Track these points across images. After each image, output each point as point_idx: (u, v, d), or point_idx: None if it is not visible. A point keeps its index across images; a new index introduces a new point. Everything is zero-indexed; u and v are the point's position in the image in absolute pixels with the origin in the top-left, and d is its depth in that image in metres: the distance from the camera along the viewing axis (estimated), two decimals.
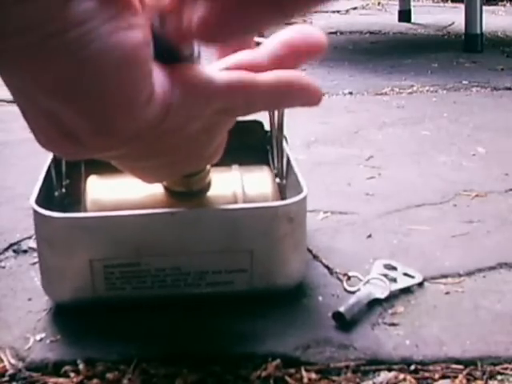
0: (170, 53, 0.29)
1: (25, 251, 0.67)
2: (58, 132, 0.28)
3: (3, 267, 0.64)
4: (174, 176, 0.49)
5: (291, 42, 0.32)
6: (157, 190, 0.54)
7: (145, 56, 0.26)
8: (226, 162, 0.55)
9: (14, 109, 0.29)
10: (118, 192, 0.56)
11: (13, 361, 0.50)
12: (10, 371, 0.49)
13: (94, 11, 0.24)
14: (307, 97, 0.33)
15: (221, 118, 0.32)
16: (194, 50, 0.31)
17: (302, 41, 0.32)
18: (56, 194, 0.60)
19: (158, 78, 0.28)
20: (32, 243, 0.67)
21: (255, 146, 0.65)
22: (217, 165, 0.51)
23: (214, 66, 0.32)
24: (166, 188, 0.54)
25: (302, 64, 0.33)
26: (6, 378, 0.48)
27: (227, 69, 0.32)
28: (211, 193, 0.55)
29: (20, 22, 0.23)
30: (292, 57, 0.32)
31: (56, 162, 0.60)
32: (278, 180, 0.61)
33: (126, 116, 0.27)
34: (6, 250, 0.67)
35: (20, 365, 0.49)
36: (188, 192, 0.54)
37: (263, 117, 0.64)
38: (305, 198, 0.55)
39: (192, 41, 0.29)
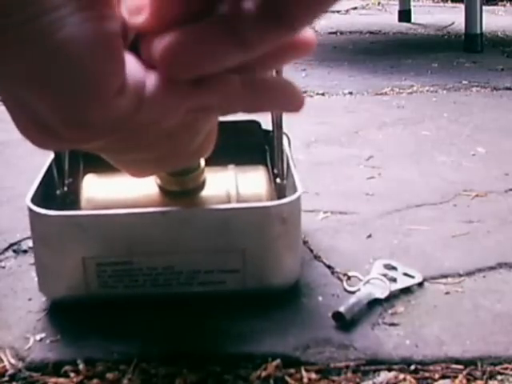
0: None
1: (25, 251, 0.67)
2: (32, 122, 0.28)
3: (3, 267, 0.64)
4: (161, 170, 0.48)
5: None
6: (151, 189, 0.54)
7: (116, 47, 0.26)
8: (222, 161, 0.55)
9: None
10: (112, 191, 0.56)
11: (13, 361, 0.50)
12: (10, 371, 0.49)
13: None
14: (288, 101, 0.32)
15: (199, 115, 0.32)
16: None
17: (289, 39, 0.31)
18: (58, 192, 0.60)
19: (131, 70, 0.28)
20: (32, 243, 0.66)
21: (253, 146, 0.65)
22: (213, 164, 0.52)
23: None
24: (160, 187, 0.54)
25: (287, 63, 0.32)
26: (6, 378, 0.48)
27: None
28: (205, 192, 0.55)
29: None
30: (278, 55, 0.31)
31: (58, 160, 0.60)
32: (278, 180, 0.61)
33: (95, 107, 0.27)
34: (6, 249, 0.67)
35: (20, 365, 0.49)
36: (182, 191, 0.54)
37: (261, 117, 0.64)
38: (298, 199, 0.55)
39: (157, 67, 0.28)
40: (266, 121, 0.64)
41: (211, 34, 0.26)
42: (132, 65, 0.28)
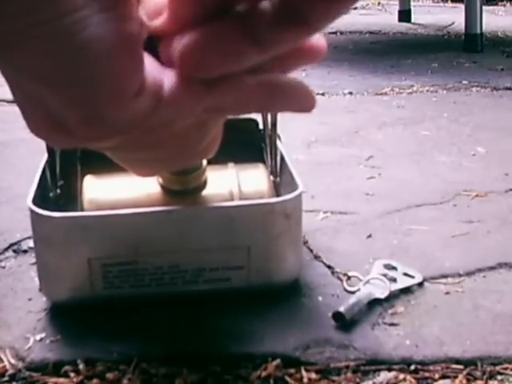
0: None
1: (25, 251, 0.67)
2: (46, 120, 0.28)
3: (3, 267, 0.64)
4: (168, 169, 0.49)
5: None
6: (153, 188, 0.54)
7: (136, 48, 0.26)
8: (221, 159, 0.55)
9: (14, 109, 0.29)
10: (114, 191, 0.56)
11: (13, 361, 0.50)
12: (10, 371, 0.49)
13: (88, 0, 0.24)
14: (301, 102, 0.32)
15: (213, 115, 0.32)
16: None
17: (302, 44, 0.32)
18: (51, 194, 0.60)
19: (150, 71, 0.28)
20: (32, 243, 0.66)
21: (250, 144, 0.66)
22: (212, 163, 0.52)
23: None
24: (162, 186, 0.54)
25: (300, 67, 0.33)
26: (6, 378, 0.48)
27: None
28: (207, 191, 0.55)
29: (16, 7, 0.23)
30: (291, 59, 0.32)
31: (50, 163, 0.60)
32: (272, 178, 0.61)
33: (114, 106, 0.27)
34: (6, 249, 0.67)
35: (20, 365, 0.49)
36: (184, 190, 0.54)
37: (258, 115, 0.64)
38: (300, 195, 0.55)
39: (175, 67, 0.28)
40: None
41: (229, 34, 0.26)
42: (150, 65, 0.28)
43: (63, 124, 0.28)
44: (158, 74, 0.28)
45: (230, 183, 0.56)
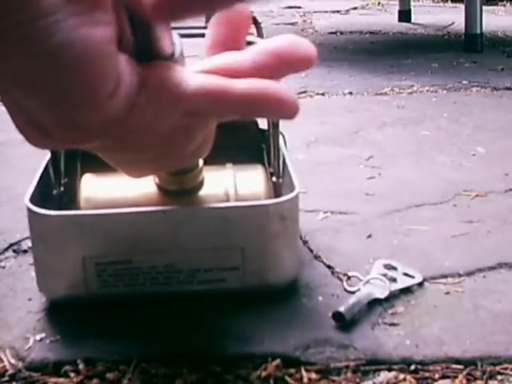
0: (150, 51, 0.29)
1: (25, 251, 0.67)
2: (27, 122, 0.28)
3: (3, 267, 0.64)
4: (159, 171, 0.49)
5: (280, 52, 0.32)
6: (150, 188, 0.55)
7: (109, 52, 0.26)
8: (220, 160, 0.55)
9: None
10: (111, 190, 0.56)
11: (13, 361, 0.50)
12: (10, 371, 0.49)
13: (61, 4, 0.24)
14: (282, 110, 0.32)
15: (194, 118, 0.32)
16: (176, 49, 0.31)
17: (290, 52, 0.31)
18: (54, 192, 0.60)
19: (125, 73, 0.28)
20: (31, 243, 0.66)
21: (250, 145, 0.66)
22: (211, 163, 0.52)
23: (193, 66, 0.32)
24: (158, 186, 0.54)
25: (287, 75, 0.32)
26: (6, 378, 0.48)
27: (205, 71, 0.31)
28: (204, 191, 0.55)
29: None
30: (277, 67, 0.31)
31: (54, 160, 0.60)
32: (274, 179, 0.61)
33: (88, 109, 0.27)
34: (6, 249, 0.67)
35: (20, 365, 0.49)
36: (181, 190, 0.54)
37: None
38: (297, 196, 0.55)
39: (152, 16, 0.28)
40: (263, 120, 0.64)
41: None
42: (126, 68, 0.28)
43: (42, 127, 0.28)
44: (132, 76, 0.28)
45: (227, 184, 0.56)
